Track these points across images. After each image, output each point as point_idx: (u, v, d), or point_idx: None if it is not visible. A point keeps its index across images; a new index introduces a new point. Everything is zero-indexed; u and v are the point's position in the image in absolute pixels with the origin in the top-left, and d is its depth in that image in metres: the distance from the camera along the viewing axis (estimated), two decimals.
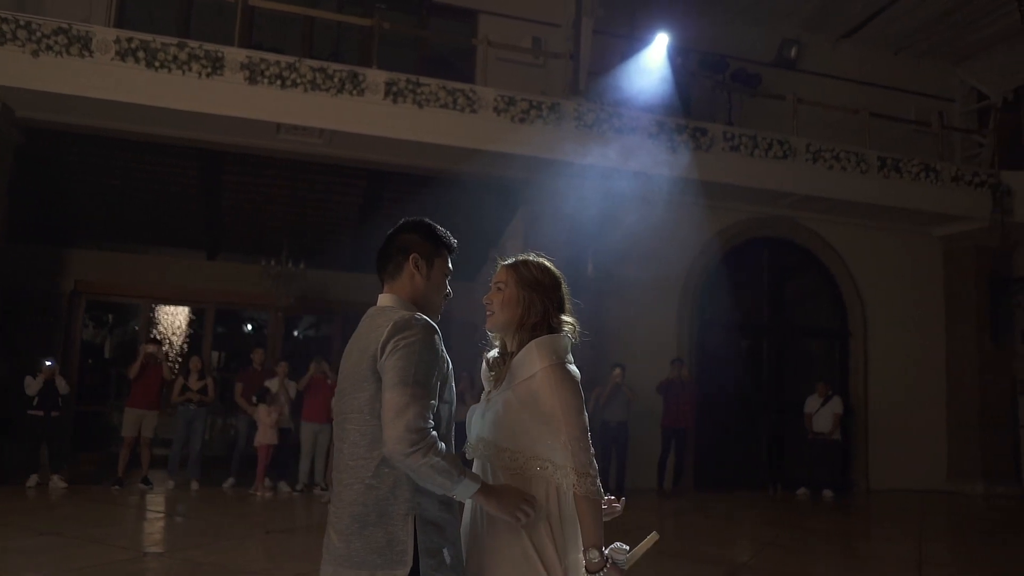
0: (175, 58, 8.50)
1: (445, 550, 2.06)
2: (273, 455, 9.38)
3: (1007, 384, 12.27)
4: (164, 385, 9.56)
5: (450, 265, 2.32)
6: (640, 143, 9.92)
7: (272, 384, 9.51)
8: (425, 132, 9.27)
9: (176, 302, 12.87)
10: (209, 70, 8.59)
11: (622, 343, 10.17)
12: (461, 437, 2.20)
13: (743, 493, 10.80)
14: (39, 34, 8.18)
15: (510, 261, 2.32)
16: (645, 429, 10.33)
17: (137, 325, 13.11)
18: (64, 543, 6.12)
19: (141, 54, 8.42)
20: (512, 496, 2.05)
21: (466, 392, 10.06)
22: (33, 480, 8.73)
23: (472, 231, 12.87)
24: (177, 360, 12.04)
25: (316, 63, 8.98)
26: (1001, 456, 12.02)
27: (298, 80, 8.86)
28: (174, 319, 13.07)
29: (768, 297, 12.00)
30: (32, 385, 8.90)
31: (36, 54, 8.16)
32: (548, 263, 2.33)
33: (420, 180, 11.05)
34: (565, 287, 2.33)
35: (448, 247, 2.31)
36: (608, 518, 2.20)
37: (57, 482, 8.74)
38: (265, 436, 9.27)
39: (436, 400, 2.05)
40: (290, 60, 8.87)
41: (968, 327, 12.20)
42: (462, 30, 11.54)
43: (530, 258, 2.32)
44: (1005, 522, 10.19)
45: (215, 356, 13.54)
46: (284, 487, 9.38)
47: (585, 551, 2.06)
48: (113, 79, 8.33)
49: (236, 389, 9.88)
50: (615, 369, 9.94)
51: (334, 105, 9.00)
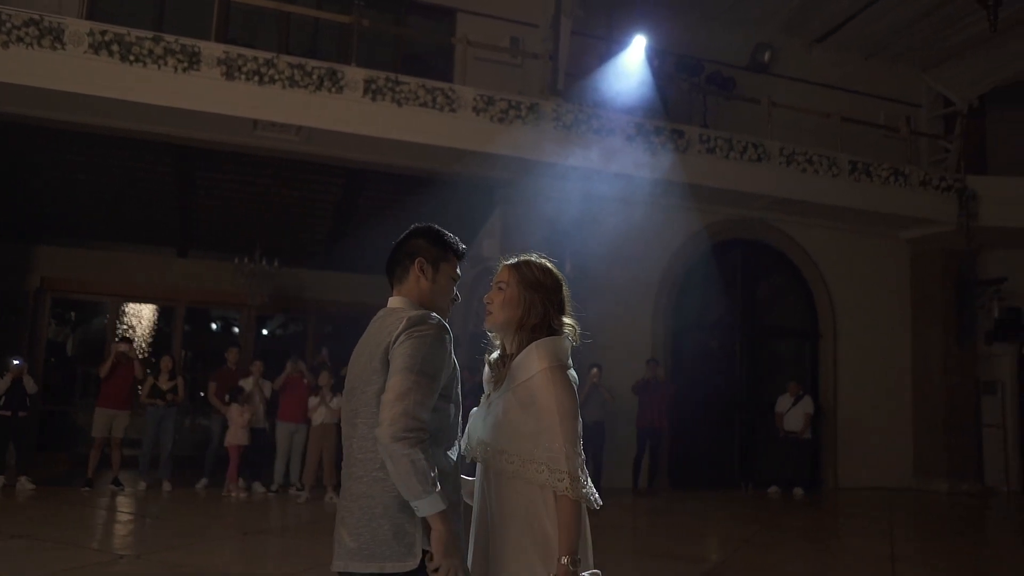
0: (150, 52, 8.35)
1: (456, 539, 2.06)
2: (246, 455, 9.27)
3: (971, 385, 12.54)
4: (135, 384, 9.40)
5: (458, 271, 2.34)
6: (618, 144, 9.97)
7: (246, 383, 9.41)
8: (404, 131, 9.22)
9: (145, 300, 12.67)
10: (185, 65, 8.45)
11: (598, 343, 10.15)
12: None
13: (716, 491, 10.93)
14: (9, 25, 7.98)
15: (512, 261, 2.32)
16: (620, 429, 10.40)
17: (103, 323, 12.88)
18: (36, 546, 5.99)
19: (115, 47, 8.26)
20: (455, 549, 2.01)
21: None
22: None
23: (449, 230, 12.85)
24: (144, 358, 11.84)
25: (294, 59, 8.89)
26: (965, 455, 12.29)
27: (276, 76, 8.75)
28: (142, 317, 12.86)
29: (741, 298, 12.14)
30: None
31: (6, 46, 7.96)
32: (550, 264, 2.34)
33: (397, 179, 11.00)
34: (566, 289, 2.33)
35: (456, 252, 2.33)
36: None
37: (25, 483, 8.56)
38: (235, 436, 9.16)
39: (437, 397, 2.06)
40: (268, 56, 8.77)
41: (934, 329, 12.45)
42: (440, 29, 11.50)
43: (532, 258, 2.31)
44: (970, 519, 10.45)
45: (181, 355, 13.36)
46: (259, 488, 9.28)
47: (559, 556, 2.02)
48: (86, 72, 8.16)
49: (210, 388, 9.76)
50: (592, 369, 9.99)
51: (312, 102, 8.91)
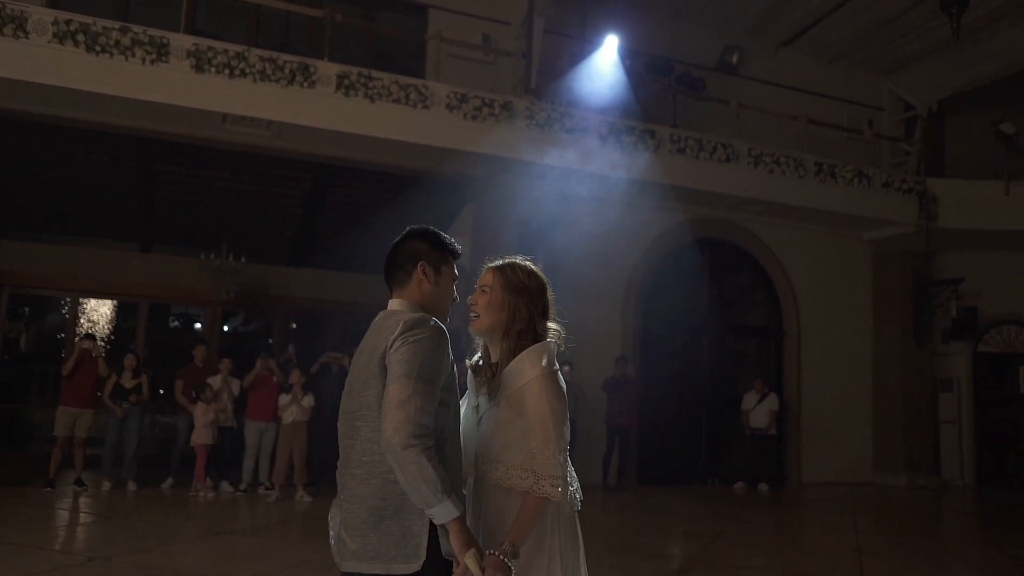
0: (117, 43, 8.17)
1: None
2: (215, 454, 9.13)
3: (928, 382, 12.88)
4: (99, 382, 9.19)
5: (456, 271, 2.36)
6: (591, 144, 10.03)
7: (215, 381, 9.26)
8: (377, 127, 9.17)
9: (106, 296, 12.41)
10: (154, 56, 8.29)
11: (569, 341, 10.25)
12: None
13: (683, 487, 11.07)
14: None
15: (497, 263, 2.32)
16: (590, 426, 10.45)
17: (59, 319, 12.59)
18: (1, 550, 5.83)
19: (81, 37, 8.06)
20: (476, 550, 1.99)
21: None
22: None
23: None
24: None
25: (266, 53, 8.77)
26: (922, 450, 12.62)
27: (247, 70, 8.63)
28: (102, 313, 12.59)
29: (709, 297, 12.29)
30: None
31: None
32: (534, 267, 2.34)
33: (365, 175, 10.92)
34: (551, 292, 2.34)
35: (454, 254, 2.35)
36: None
37: None
38: (200, 435, 9.01)
39: (438, 401, 2.06)
40: (239, 49, 8.64)
41: (894, 327, 12.75)
42: (412, 24, 11.44)
43: (517, 261, 2.32)
44: (929, 513, 10.74)
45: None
46: (227, 487, 9.14)
47: (503, 542, 1.99)
48: (50, 63, 7.96)
49: (176, 387, 9.59)
50: (564, 367, 9.99)
51: (284, 96, 8.81)
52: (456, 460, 2.16)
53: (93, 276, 11.92)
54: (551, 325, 2.30)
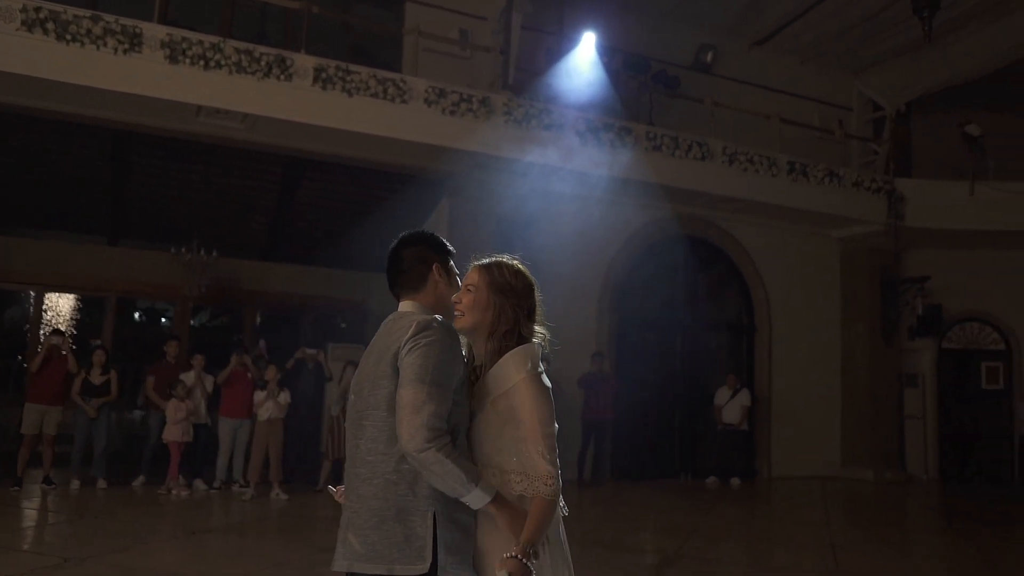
0: (88, 32, 7.97)
1: (466, 548, 2.08)
2: (187, 451, 8.99)
3: (895, 378, 13.14)
4: (68, 379, 8.99)
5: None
6: (568, 140, 10.04)
7: (188, 377, 9.12)
8: (354, 121, 9.06)
9: (72, 290, 12.15)
10: (126, 47, 8.10)
11: (546, 338, 10.28)
12: None
13: (657, 482, 11.17)
14: None
15: (484, 262, 2.30)
16: (565, 422, 10.48)
17: (22, 313, 12.30)
18: None
19: (50, 25, 7.85)
20: (517, 520, 2.05)
21: None
22: None
23: (391, 223, 12.70)
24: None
25: (242, 45, 8.62)
26: (889, 445, 12.88)
27: (222, 62, 8.48)
28: (69, 308, 12.33)
29: (682, 293, 12.39)
30: None
31: None
32: (522, 267, 2.32)
33: (339, 169, 10.81)
34: (538, 293, 2.32)
35: (451, 254, 2.39)
36: None
37: None
38: (171, 432, 8.86)
39: (451, 402, 2.07)
40: (214, 40, 8.48)
41: (861, 324, 12.98)
42: (388, 18, 11.34)
43: (504, 260, 2.30)
44: (898, 506, 10.97)
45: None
46: (200, 485, 9.02)
47: (523, 545, 1.98)
48: (18, 51, 7.72)
49: (148, 383, 9.42)
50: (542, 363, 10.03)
51: (260, 89, 8.66)
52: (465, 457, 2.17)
53: (57, 270, 11.66)
54: (537, 329, 2.28)
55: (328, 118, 9.01)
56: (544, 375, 2.17)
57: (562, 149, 9.90)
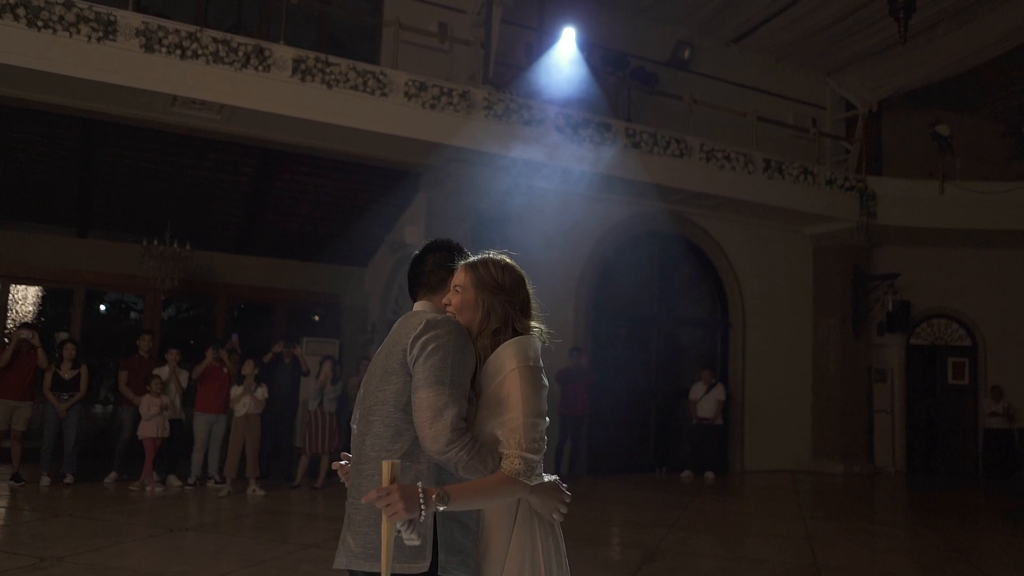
0: (61, 18, 7.77)
1: (467, 547, 2.07)
2: (160, 447, 8.85)
3: (864, 373, 13.37)
4: (37, 373, 8.80)
5: None
6: (548, 136, 10.03)
7: (162, 372, 8.97)
8: (334, 114, 8.96)
9: (39, 282, 11.87)
10: (100, 34, 7.91)
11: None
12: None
13: (632, 476, 11.25)
14: None
15: (470, 261, 2.25)
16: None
17: None
18: None
19: (21, 11, 7.63)
20: (552, 493, 2.07)
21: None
22: None
23: (367, 216, 12.63)
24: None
25: (219, 34, 8.47)
26: (857, 438, 13.11)
27: (199, 51, 8.33)
28: (34, 300, 12.05)
29: (658, 289, 12.47)
30: None
31: None
32: (509, 260, 2.27)
33: (315, 161, 10.71)
34: (529, 286, 2.25)
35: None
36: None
37: None
38: (145, 428, 8.70)
39: (467, 403, 2.07)
40: (191, 29, 8.33)
41: (832, 320, 13.18)
42: (366, 9, 11.22)
43: (490, 256, 2.25)
44: (868, 499, 11.17)
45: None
46: (174, 481, 8.89)
47: (441, 487, 1.92)
48: None
49: (121, 377, 9.24)
50: None
51: (237, 80, 8.53)
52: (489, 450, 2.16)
53: (24, 261, 11.38)
54: (533, 324, 2.21)
55: (307, 110, 8.91)
56: (542, 369, 2.12)
57: (542, 145, 9.89)
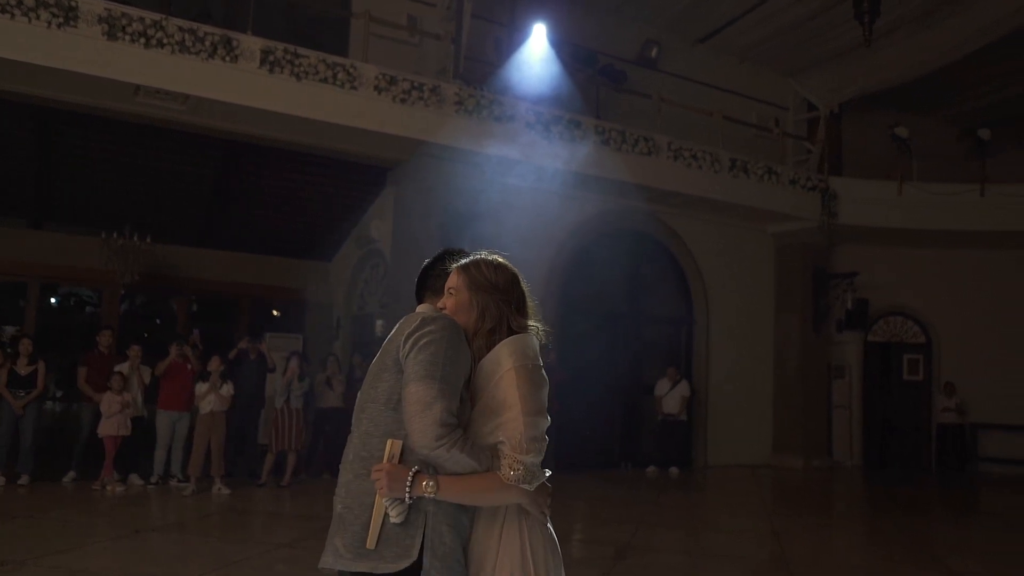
0: (19, 3, 7.51)
1: (454, 552, 2.03)
2: (121, 445, 8.63)
3: (823, 369, 13.65)
4: None
5: None
6: (518, 132, 10.01)
7: (124, 369, 8.75)
8: (303, 106, 8.83)
9: None
10: (61, 20, 7.67)
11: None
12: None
13: (598, 472, 11.31)
14: None
15: (462, 263, 2.23)
16: None
17: None
18: None
19: None
20: (540, 492, 2.07)
21: (333, 377, 9.78)
22: None
23: (333, 211, 12.47)
24: None
25: (185, 23, 8.28)
26: (817, 434, 13.39)
27: (164, 40, 8.13)
28: None
29: (625, 286, 12.55)
30: None
31: None
32: (502, 260, 2.26)
33: (280, 154, 10.52)
34: (524, 284, 2.25)
35: None
36: None
37: None
38: (107, 427, 8.47)
39: (459, 401, 2.03)
40: (156, 17, 8.12)
41: (793, 317, 13.42)
42: (335, 1, 11.06)
43: (482, 257, 2.24)
44: (829, 493, 11.41)
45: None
46: (136, 480, 8.69)
47: (431, 477, 1.94)
48: None
49: (80, 374, 8.98)
50: None
51: (204, 70, 8.35)
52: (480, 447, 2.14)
53: None
54: (531, 323, 2.20)
55: (275, 102, 8.77)
56: (540, 367, 2.10)
57: (512, 141, 9.87)
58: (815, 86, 13.90)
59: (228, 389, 8.64)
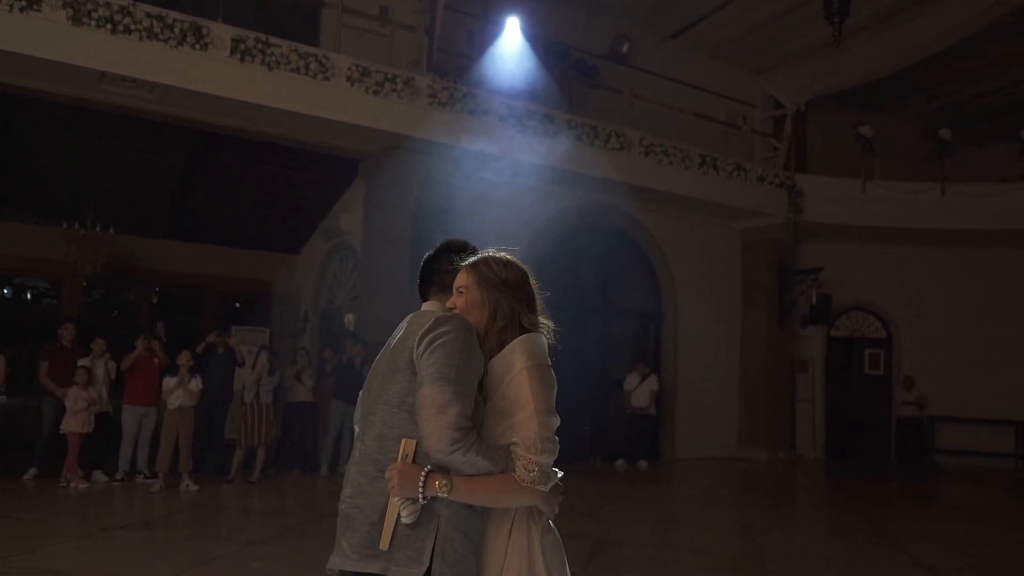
0: None
1: (465, 559, 2.01)
2: (84, 441, 8.41)
3: (787, 364, 13.87)
4: None
5: None
6: (491, 125, 9.98)
7: (87, 363, 8.53)
8: (274, 97, 8.68)
9: None
10: (23, 4, 7.42)
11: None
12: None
13: (567, 464, 11.25)
14: None
15: (470, 261, 2.21)
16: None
17: None
18: None
19: None
20: (554, 492, 2.06)
21: (303, 372, 9.66)
22: None
23: (301, 203, 12.31)
24: None
25: (154, 9, 8.07)
26: (781, 427, 13.61)
27: (132, 27, 7.92)
28: None
29: (594, 280, 12.58)
30: None
31: None
32: (511, 257, 2.24)
33: (249, 144, 10.34)
34: (534, 282, 2.24)
35: None
36: None
37: None
38: (71, 423, 8.25)
39: (473, 403, 2.01)
40: (123, 3, 7.90)
41: (759, 312, 13.61)
42: None
43: (491, 254, 2.23)
44: (795, 486, 11.61)
45: None
46: (100, 477, 8.49)
47: (444, 476, 1.91)
48: None
49: (41, 368, 8.72)
50: None
51: (172, 58, 8.16)
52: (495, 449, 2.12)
53: None
54: (542, 321, 2.20)
55: (245, 92, 8.60)
56: (550, 367, 2.10)
57: (486, 134, 9.83)
58: (782, 84, 14.09)
59: (197, 384, 8.49)
